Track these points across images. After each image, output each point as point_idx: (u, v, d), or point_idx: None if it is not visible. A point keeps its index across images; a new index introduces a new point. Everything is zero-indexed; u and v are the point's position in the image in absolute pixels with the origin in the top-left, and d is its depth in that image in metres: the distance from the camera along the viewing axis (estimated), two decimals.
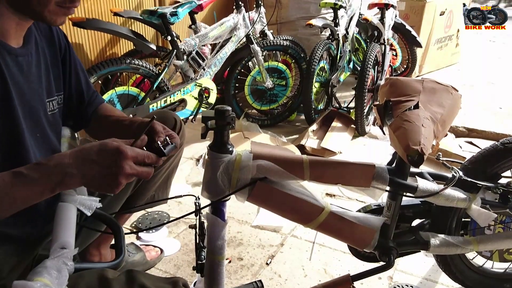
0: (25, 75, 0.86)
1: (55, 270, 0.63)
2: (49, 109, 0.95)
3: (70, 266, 0.66)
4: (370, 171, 1.05)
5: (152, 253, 1.58)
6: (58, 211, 0.79)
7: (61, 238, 0.73)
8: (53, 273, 0.62)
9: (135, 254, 1.52)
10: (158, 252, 1.60)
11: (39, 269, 0.62)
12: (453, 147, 2.56)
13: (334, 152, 2.53)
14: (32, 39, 0.90)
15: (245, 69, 2.92)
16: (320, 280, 1.51)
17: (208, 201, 0.93)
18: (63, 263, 0.66)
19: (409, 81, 1.22)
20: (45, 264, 0.64)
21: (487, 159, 1.21)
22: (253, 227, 1.81)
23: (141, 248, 1.56)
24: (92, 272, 0.85)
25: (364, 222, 1.08)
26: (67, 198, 0.82)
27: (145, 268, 1.53)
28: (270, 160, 0.92)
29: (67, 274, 0.65)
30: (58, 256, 0.67)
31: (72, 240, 0.74)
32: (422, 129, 1.03)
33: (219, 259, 0.93)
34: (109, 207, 1.18)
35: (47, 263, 0.64)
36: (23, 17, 0.83)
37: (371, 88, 2.80)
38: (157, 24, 2.36)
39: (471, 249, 1.21)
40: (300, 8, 3.49)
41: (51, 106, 0.96)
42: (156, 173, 1.25)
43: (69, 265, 0.66)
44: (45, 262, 0.64)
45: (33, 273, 0.61)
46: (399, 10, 3.94)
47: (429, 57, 4.37)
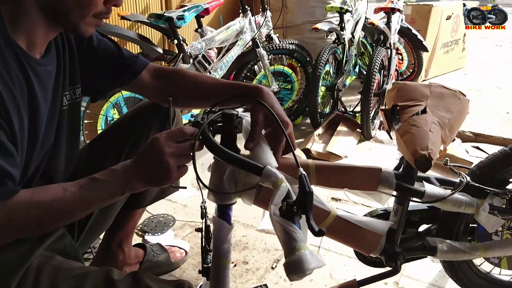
0: (42, 82, 0.84)
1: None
2: (62, 105, 0.94)
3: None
4: (376, 175, 1.05)
5: (177, 254, 1.58)
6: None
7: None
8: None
9: (160, 254, 1.52)
10: (182, 253, 1.60)
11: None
12: (460, 152, 2.55)
13: (340, 156, 2.53)
14: (53, 45, 0.88)
15: (251, 72, 2.92)
16: (325, 285, 1.50)
17: (215, 204, 0.93)
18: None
19: (417, 85, 1.22)
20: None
21: (495, 164, 1.20)
22: (258, 231, 1.81)
23: (166, 249, 1.57)
24: (98, 272, 0.85)
25: (370, 227, 1.08)
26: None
27: (169, 270, 1.54)
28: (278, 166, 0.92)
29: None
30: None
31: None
32: (429, 134, 1.02)
33: (225, 263, 0.93)
34: (111, 204, 1.18)
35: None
36: (54, 28, 0.82)
37: (377, 92, 2.80)
38: (164, 27, 2.37)
39: (479, 255, 1.20)
40: (306, 12, 3.49)
41: (64, 101, 0.94)
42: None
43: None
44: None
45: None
46: (405, 14, 3.93)
47: (435, 62, 4.36)
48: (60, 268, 0.85)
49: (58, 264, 0.86)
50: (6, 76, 0.73)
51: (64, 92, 0.92)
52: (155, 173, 0.79)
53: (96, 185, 0.79)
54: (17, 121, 0.75)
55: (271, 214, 0.66)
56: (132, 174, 0.80)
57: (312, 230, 0.64)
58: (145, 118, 1.17)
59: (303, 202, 0.65)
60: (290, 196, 0.68)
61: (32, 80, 0.79)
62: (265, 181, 0.73)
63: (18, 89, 0.76)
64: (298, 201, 0.65)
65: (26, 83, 0.78)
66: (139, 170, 0.80)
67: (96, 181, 0.80)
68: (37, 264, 0.85)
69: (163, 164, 0.78)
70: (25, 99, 0.78)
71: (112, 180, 0.80)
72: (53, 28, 0.82)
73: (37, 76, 0.81)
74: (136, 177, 0.80)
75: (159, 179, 0.80)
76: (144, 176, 0.80)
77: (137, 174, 0.80)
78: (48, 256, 0.89)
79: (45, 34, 0.82)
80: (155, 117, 1.16)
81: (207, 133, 0.81)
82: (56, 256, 0.90)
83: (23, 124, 0.77)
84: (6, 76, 0.73)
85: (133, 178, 0.80)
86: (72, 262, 0.90)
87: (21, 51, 0.77)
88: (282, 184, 0.69)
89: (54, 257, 0.89)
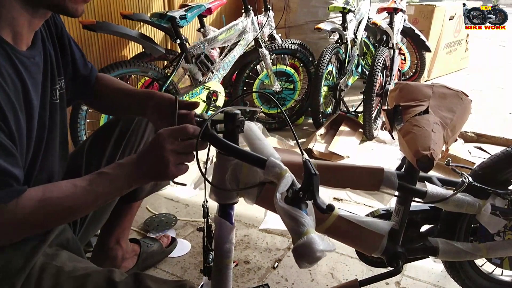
0: (32, 76, 0.82)
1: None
2: (53, 99, 0.93)
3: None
4: (378, 175, 1.05)
5: (164, 240, 1.64)
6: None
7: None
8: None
9: (153, 244, 1.57)
10: (169, 237, 1.66)
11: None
12: (462, 153, 2.54)
13: (342, 156, 2.52)
14: (39, 35, 0.86)
15: (254, 72, 2.92)
16: (327, 285, 1.50)
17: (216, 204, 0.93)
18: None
19: (419, 86, 1.22)
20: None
21: (498, 165, 1.20)
22: (260, 231, 1.81)
23: (156, 239, 1.63)
24: (100, 274, 0.85)
25: (372, 227, 1.08)
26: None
27: (163, 257, 1.59)
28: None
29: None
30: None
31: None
32: (432, 134, 1.02)
33: (226, 263, 0.93)
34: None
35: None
36: (37, 14, 0.79)
37: (379, 92, 2.79)
38: (166, 27, 2.37)
39: (480, 255, 1.20)
40: (309, 12, 3.49)
41: (54, 95, 0.93)
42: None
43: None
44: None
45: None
46: (408, 14, 3.92)
47: (438, 62, 4.35)
48: (62, 268, 0.86)
49: (61, 265, 0.87)
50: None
51: (54, 86, 0.91)
52: (155, 168, 0.81)
53: (105, 179, 0.81)
54: (13, 119, 0.74)
55: (276, 203, 0.66)
56: (137, 168, 0.82)
57: (320, 208, 0.64)
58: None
59: (309, 185, 0.65)
60: (295, 185, 0.68)
61: (23, 76, 0.78)
62: (269, 173, 0.73)
63: (11, 87, 0.74)
64: (304, 187, 0.66)
65: (18, 79, 0.77)
66: (143, 164, 0.82)
67: (105, 175, 0.82)
68: (41, 264, 0.85)
69: (163, 160, 0.79)
70: (19, 97, 0.77)
71: (120, 174, 0.82)
72: (36, 15, 0.79)
73: (27, 70, 0.79)
74: (141, 172, 0.82)
75: (158, 175, 0.82)
76: (146, 171, 0.82)
77: (141, 169, 0.82)
78: (51, 254, 0.89)
79: (29, 22, 0.79)
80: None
81: (210, 130, 0.82)
82: (59, 254, 0.90)
83: (19, 122, 0.76)
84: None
85: (138, 172, 0.82)
86: (75, 261, 0.91)
87: (8, 45, 0.75)
88: (287, 174, 0.70)
89: (57, 255, 0.89)
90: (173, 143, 0.80)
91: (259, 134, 0.88)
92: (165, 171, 0.80)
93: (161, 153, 0.79)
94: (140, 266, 1.49)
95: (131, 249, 1.48)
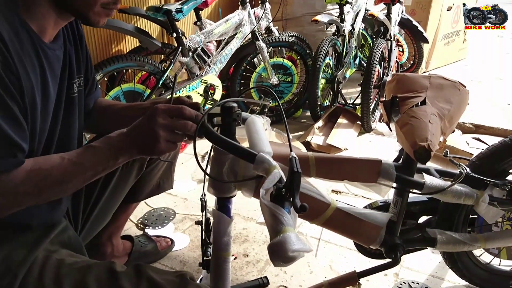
0: (51, 67, 0.87)
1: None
2: (70, 92, 0.96)
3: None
4: (376, 167, 1.05)
5: (162, 243, 1.62)
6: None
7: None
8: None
9: (147, 244, 1.56)
10: (168, 242, 1.64)
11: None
12: (460, 144, 2.54)
13: (340, 148, 2.52)
14: (61, 34, 0.91)
15: (251, 65, 2.91)
16: (326, 276, 1.51)
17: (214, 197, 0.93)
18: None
19: (416, 77, 1.21)
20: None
21: (495, 156, 1.20)
22: (258, 224, 1.81)
23: (152, 239, 1.60)
24: (101, 265, 0.85)
25: (370, 219, 1.08)
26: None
27: (157, 258, 1.57)
28: (275, 157, 0.92)
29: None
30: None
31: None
32: (429, 126, 1.02)
33: (225, 256, 0.93)
34: (113, 196, 1.19)
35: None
36: (63, 16, 0.85)
37: (377, 84, 2.79)
38: (162, 21, 2.35)
39: (478, 246, 1.21)
40: (306, 4, 3.47)
41: (72, 89, 0.96)
42: (157, 160, 1.27)
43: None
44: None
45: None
46: (406, 5, 3.90)
47: (436, 53, 4.34)
48: (64, 260, 0.86)
49: (63, 257, 0.87)
50: (21, 54, 0.76)
51: (73, 80, 0.95)
52: (144, 139, 0.82)
53: (92, 151, 0.83)
54: (30, 97, 0.78)
55: (260, 199, 0.65)
56: (126, 140, 0.83)
57: (295, 207, 0.63)
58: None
59: (291, 182, 0.64)
60: (282, 182, 0.67)
61: (44, 63, 0.82)
62: (259, 168, 0.72)
63: (31, 68, 0.78)
64: (287, 184, 0.64)
65: (38, 64, 0.81)
66: (132, 136, 0.83)
67: (91, 148, 0.83)
68: (42, 256, 0.86)
69: (153, 133, 0.80)
70: (38, 80, 0.81)
71: (106, 146, 0.83)
72: (62, 17, 0.85)
73: (48, 60, 0.84)
74: (130, 144, 0.83)
75: (147, 147, 0.82)
76: (135, 143, 0.83)
77: (130, 140, 0.83)
78: (53, 250, 0.90)
79: (55, 21, 0.84)
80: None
81: (204, 121, 0.82)
82: (60, 249, 0.91)
83: (35, 103, 0.80)
84: (21, 54, 0.76)
85: (127, 144, 0.83)
86: (76, 255, 0.91)
87: (34, 34, 0.80)
88: (275, 170, 0.69)
89: (58, 250, 0.90)
90: (166, 119, 0.81)
91: (258, 128, 0.87)
92: (154, 145, 0.81)
93: (152, 126, 0.80)
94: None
95: (122, 248, 1.48)
